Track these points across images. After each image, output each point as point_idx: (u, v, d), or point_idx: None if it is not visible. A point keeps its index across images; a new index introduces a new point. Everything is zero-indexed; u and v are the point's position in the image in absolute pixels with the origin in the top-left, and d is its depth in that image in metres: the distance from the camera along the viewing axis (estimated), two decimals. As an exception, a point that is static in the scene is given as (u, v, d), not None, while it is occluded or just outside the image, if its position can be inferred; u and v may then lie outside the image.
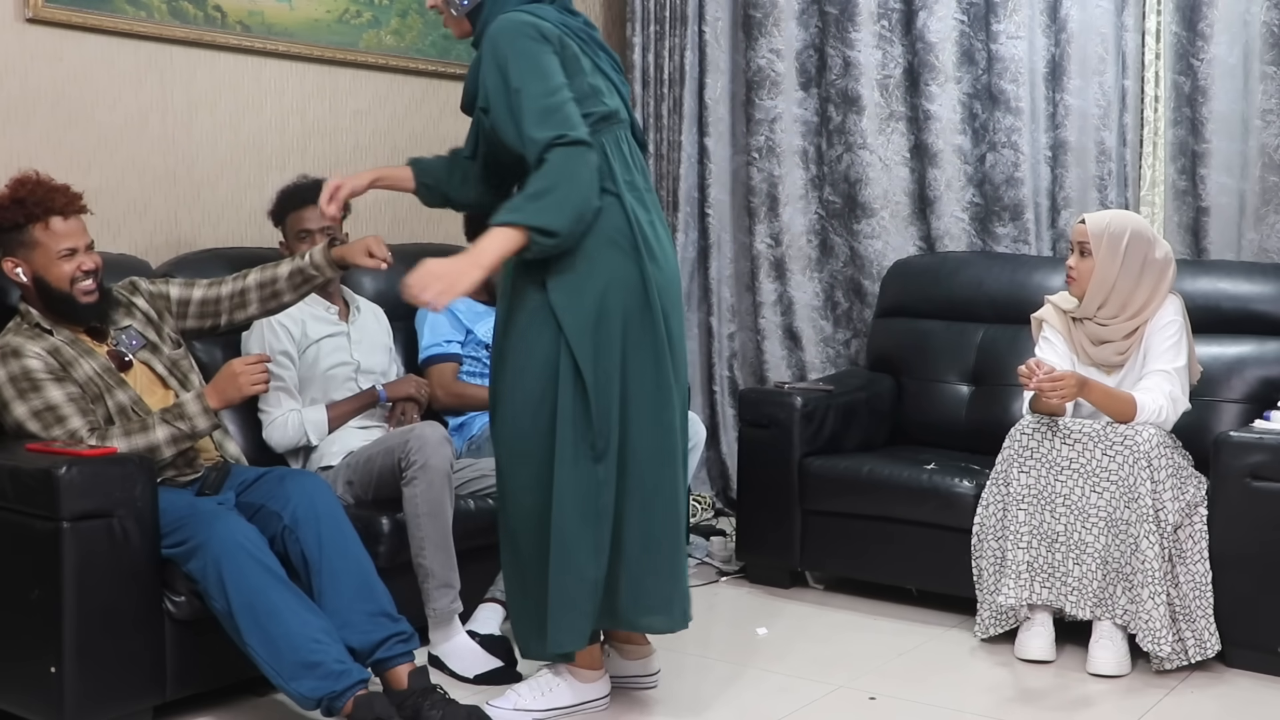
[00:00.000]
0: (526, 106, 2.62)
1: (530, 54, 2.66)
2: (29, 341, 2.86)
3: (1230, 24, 3.91)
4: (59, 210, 2.89)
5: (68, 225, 2.90)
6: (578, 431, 2.69)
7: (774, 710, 2.97)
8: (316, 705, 2.64)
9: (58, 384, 2.83)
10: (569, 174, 2.61)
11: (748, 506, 3.97)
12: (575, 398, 2.69)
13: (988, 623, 3.39)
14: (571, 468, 2.69)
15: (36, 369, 2.82)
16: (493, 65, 2.68)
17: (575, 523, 2.70)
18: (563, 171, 2.60)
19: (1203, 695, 3.08)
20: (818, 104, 4.64)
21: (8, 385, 2.82)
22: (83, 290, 2.90)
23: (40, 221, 2.87)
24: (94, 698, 2.64)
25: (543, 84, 2.64)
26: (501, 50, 2.67)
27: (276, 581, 2.69)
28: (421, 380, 3.63)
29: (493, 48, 2.69)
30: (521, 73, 2.64)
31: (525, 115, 2.62)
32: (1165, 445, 3.18)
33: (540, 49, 2.67)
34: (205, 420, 2.86)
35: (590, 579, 2.72)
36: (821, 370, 4.64)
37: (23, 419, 2.82)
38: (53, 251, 2.88)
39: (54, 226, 2.88)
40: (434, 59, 4.36)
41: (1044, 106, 4.25)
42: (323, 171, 3.79)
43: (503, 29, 2.69)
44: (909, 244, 4.50)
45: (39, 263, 2.88)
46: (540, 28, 2.68)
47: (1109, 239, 3.31)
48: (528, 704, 2.86)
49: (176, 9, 3.66)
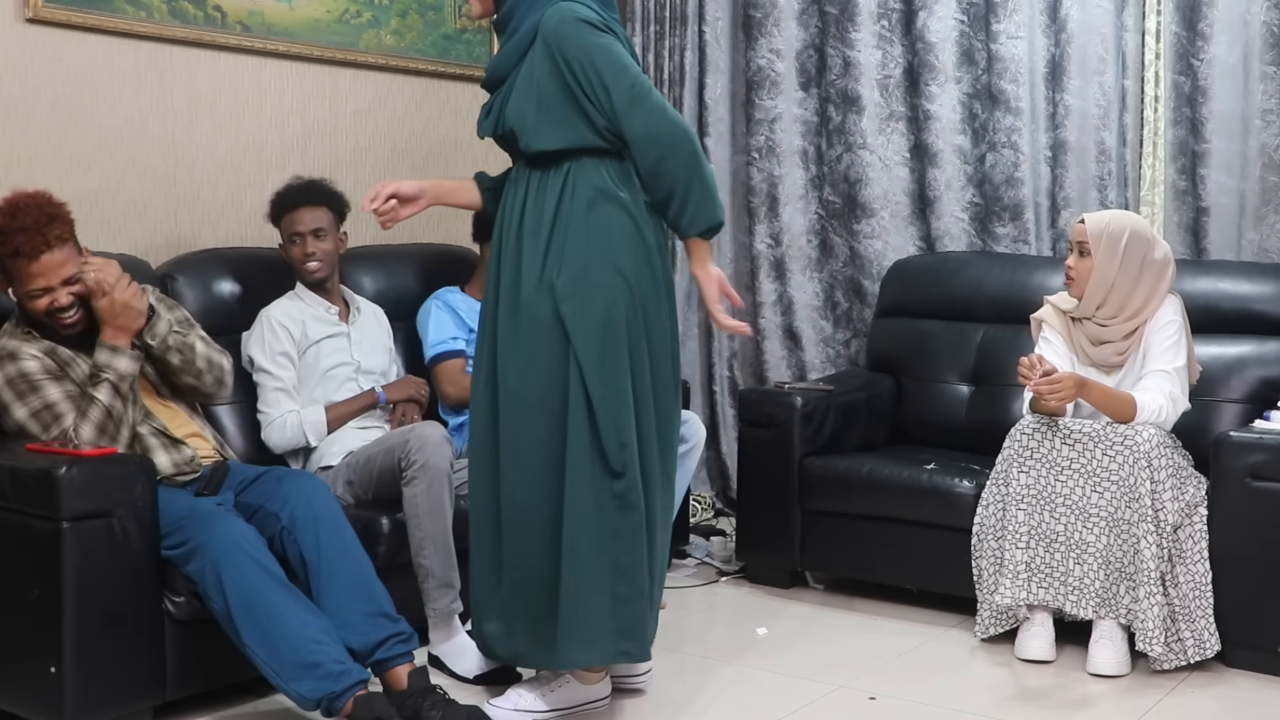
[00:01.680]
0: (652, 99, 2.67)
1: (606, 47, 2.68)
2: (25, 344, 2.86)
3: (1230, 24, 3.91)
4: (26, 253, 2.78)
5: (38, 265, 2.79)
6: (594, 445, 2.69)
7: (774, 710, 2.97)
8: (316, 706, 2.64)
9: (55, 383, 2.83)
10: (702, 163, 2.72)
11: (748, 506, 3.97)
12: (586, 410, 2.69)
13: (987, 623, 3.39)
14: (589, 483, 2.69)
15: (34, 370, 2.82)
16: (576, 55, 2.67)
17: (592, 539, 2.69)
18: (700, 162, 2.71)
19: (1203, 695, 3.08)
20: (818, 104, 4.64)
21: (6, 389, 2.83)
22: (61, 323, 2.86)
23: (11, 259, 2.81)
24: (94, 698, 2.64)
25: (627, 74, 2.68)
26: (577, 41, 2.67)
27: (275, 582, 2.69)
28: (420, 381, 3.63)
29: (560, 41, 2.68)
30: (610, 65, 2.66)
31: (628, 102, 2.66)
32: (1165, 445, 3.18)
33: (610, 41, 2.70)
34: (119, 358, 2.79)
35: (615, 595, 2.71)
36: (821, 370, 4.64)
37: (23, 421, 2.82)
38: (24, 289, 2.84)
39: (21, 268, 2.81)
40: (434, 59, 4.36)
41: (1044, 106, 4.25)
42: (323, 171, 3.80)
43: (567, 22, 2.68)
44: (909, 244, 4.50)
45: (18, 291, 2.86)
46: (599, 19, 2.70)
47: (1108, 239, 3.31)
48: (528, 704, 2.86)
49: (176, 9, 3.66)
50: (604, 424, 2.68)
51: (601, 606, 2.70)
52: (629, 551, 2.72)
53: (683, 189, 2.69)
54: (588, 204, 2.73)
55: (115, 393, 2.80)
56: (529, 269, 2.74)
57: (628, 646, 2.76)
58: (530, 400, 2.73)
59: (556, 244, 2.73)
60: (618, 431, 2.69)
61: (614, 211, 2.73)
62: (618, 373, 2.71)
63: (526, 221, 2.77)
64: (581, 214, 2.72)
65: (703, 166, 2.71)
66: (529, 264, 2.74)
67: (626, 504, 2.71)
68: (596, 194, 2.73)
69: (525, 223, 2.77)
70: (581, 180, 2.73)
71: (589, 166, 2.74)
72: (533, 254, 2.74)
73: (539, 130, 2.72)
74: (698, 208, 2.70)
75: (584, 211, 2.72)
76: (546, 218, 2.74)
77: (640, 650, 2.78)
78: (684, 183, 2.68)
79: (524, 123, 2.73)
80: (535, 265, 2.73)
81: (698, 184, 2.69)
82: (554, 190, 2.75)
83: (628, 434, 2.70)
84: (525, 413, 2.74)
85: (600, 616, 2.71)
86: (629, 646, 2.76)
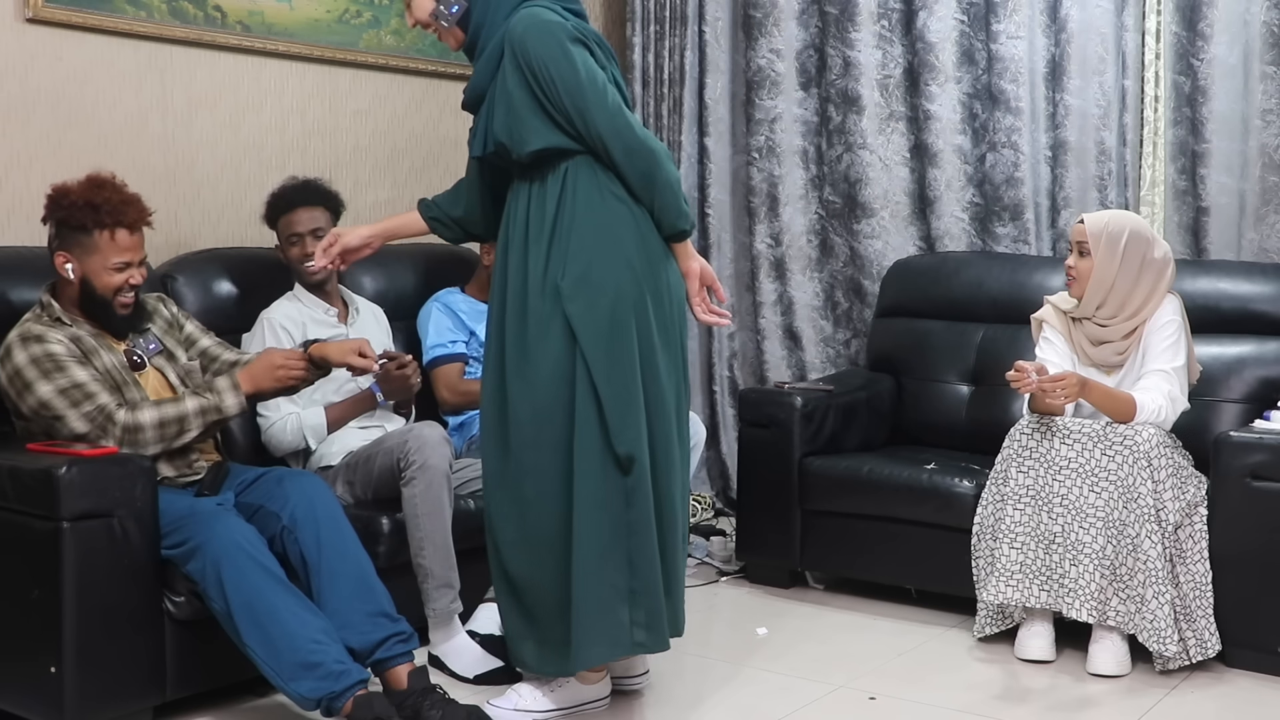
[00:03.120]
0: (608, 107, 2.69)
1: (573, 55, 2.69)
2: (50, 329, 2.86)
3: (1230, 24, 3.91)
4: (128, 224, 2.88)
5: (131, 240, 2.89)
6: (603, 442, 2.69)
7: (774, 710, 2.97)
8: (316, 706, 2.64)
9: (81, 366, 2.83)
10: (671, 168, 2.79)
11: (748, 506, 3.97)
12: (595, 408, 2.69)
13: (984, 622, 3.39)
14: (598, 479, 2.69)
15: (60, 352, 2.82)
16: (542, 63, 2.68)
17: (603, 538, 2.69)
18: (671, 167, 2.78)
19: (1203, 695, 3.08)
20: (818, 104, 4.64)
21: (29, 367, 2.80)
22: (122, 303, 2.91)
23: (107, 230, 2.86)
24: (94, 698, 2.64)
25: (596, 85, 2.69)
26: (539, 51, 2.68)
27: (275, 582, 2.69)
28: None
29: (524, 47, 2.69)
30: (577, 72, 2.68)
31: (597, 112, 2.68)
32: (1165, 445, 3.18)
33: (580, 51, 2.70)
34: (233, 397, 2.87)
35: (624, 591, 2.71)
36: (821, 370, 4.64)
37: (47, 397, 2.78)
38: (109, 261, 2.87)
39: (119, 239, 2.87)
40: (434, 59, 4.36)
41: (1044, 106, 4.25)
42: (323, 172, 3.80)
43: (533, 28, 2.69)
44: (909, 244, 4.50)
45: (91, 267, 2.88)
46: (570, 29, 2.71)
47: (1107, 239, 3.31)
48: (528, 704, 2.86)
49: (176, 9, 3.66)
50: (613, 422, 2.69)
51: (616, 601, 2.71)
52: (640, 547, 2.72)
53: (647, 199, 2.75)
54: (588, 203, 2.73)
55: (202, 415, 2.85)
56: (535, 275, 2.74)
57: (643, 637, 2.76)
58: (541, 409, 2.73)
59: (559, 245, 2.73)
60: (626, 429, 2.70)
61: (616, 209, 2.74)
62: (626, 370, 2.71)
63: (531, 228, 2.77)
64: (583, 214, 2.73)
65: (662, 176, 2.74)
66: (535, 270, 2.74)
67: (636, 500, 2.71)
68: (596, 193, 2.74)
69: (530, 230, 2.77)
70: (580, 180, 2.74)
71: (585, 167, 2.74)
72: (537, 259, 2.74)
73: (523, 136, 2.73)
74: (661, 215, 2.76)
75: (585, 211, 2.73)
76: (548, 221, 2.75)
77: (657, 641, 2.79)
78: (648, 194, 2.74)
79: (510, 133, 2.74)
80: (540, 270, 2.74)
81: (660, 194, 2.74)
82: (553, 193, 2.75)
83: (637, 431, 2.71)
84: (536, 421, 2.73)
85: (615, 611, 2.71)
86: (644, 637, 2.76)
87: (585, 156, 2.74)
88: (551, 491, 2.73)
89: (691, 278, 2.85)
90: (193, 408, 2.85)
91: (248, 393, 2.90)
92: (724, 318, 2.93)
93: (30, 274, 3.06)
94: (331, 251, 3.01)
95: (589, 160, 2.74)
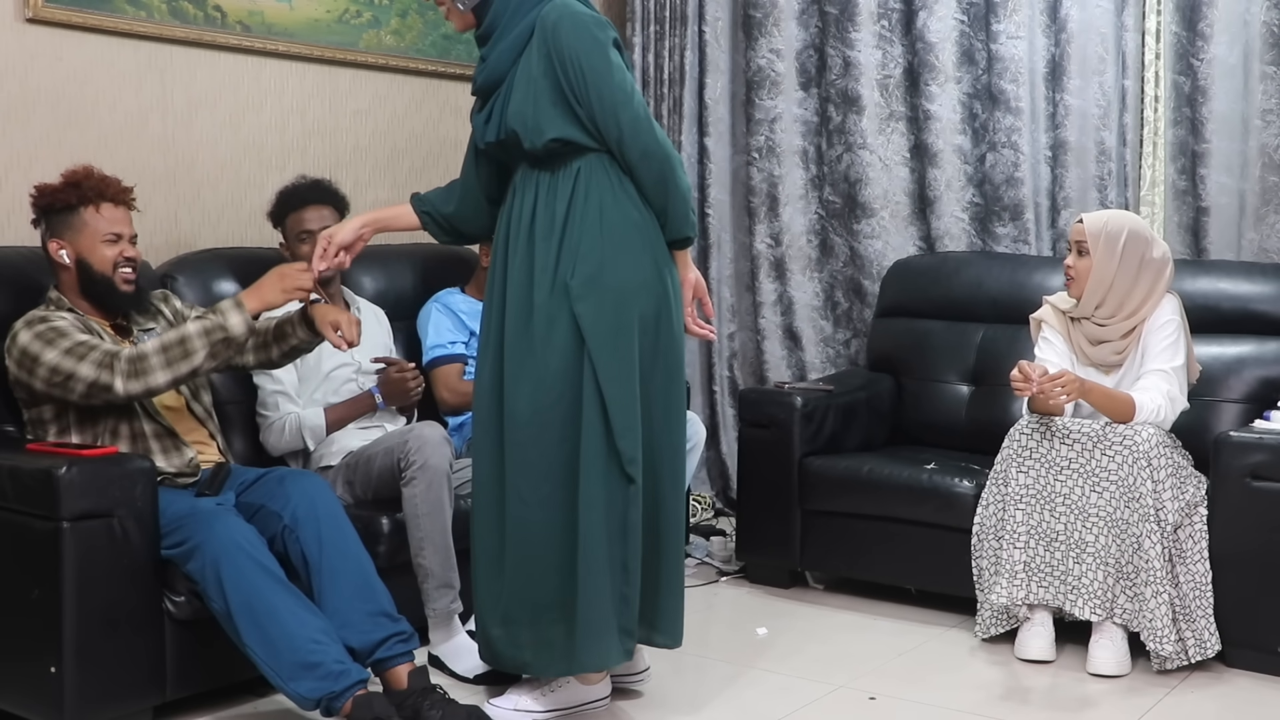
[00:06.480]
0: (634, 106, 2.70)
1: (609, 52, 2.69)
2: (56, 311, 2.88)
3: (1230, 24, 3.91)
4: (110, 197, 2.94)
5: (117, 212, 2.94)
6: (607, 443, 2.69)
7: (774, 710, 2.97)
8: (316, 705, 2.64)
9: (86, 334, 2.84)
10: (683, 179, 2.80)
11: (748, 506, 3.97)
12: (600, 409, 2.69)
13: (987, 623, 3.39)
14: (602, 483, 2.69)
15: (63, 324, 2.83)
16: (575, 55, 2.67)
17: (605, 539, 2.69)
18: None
19: (1203, 695, 3.08)
20: (818, 104, 4.64)
21: (34, 341, 2.79)
22: (123, 278, 2.94)
23: (91, 204, 2.91)
24: (94, 698, 2.64)
25: (625, 86, 2.71)
26: (573, 42, 2.68)
27: (275, 582, 2.69)
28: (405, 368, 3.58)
29: (557, 36, 2.68)
30: (610, 69, 2.69)
31: (630, 116, 2.69)
32: (1165, 445, 3.18)
33: (614, 50, 2.71)
34: (236, 315, 2.83)
35: (622, 595, 2.72)
36: (821, 370, 4.64)
37: (55, 361, 2.76)
38: (99, 234, 2.90)
39: (104, 211, 2.92)
40: (434, 59, 4.36)
41: (1044, 106, 4.25)
42: (323, 172, 3.80)
43: (569, 18, 2.69)
44: (909, 244, 4.50)
45: (84, 245, 2.90)
46: (607, 26, 2.72)
47: (1106, 238, 3.31)
48: (528, 704, 2.86)
49: (176, 9, 3.66)
50: (618, 425, 2.69)
51: (612, 606, 2.72)
52: (633, 553, 2.73)
53: (659, 204, 2.75)
54: (601, 204, 2.72)
55: (206, 335, 2.80)
56: (542, 272, 2.72)
57: (630, 645, 2.78)
58: (543, 407, 2.72)
59: (569, 245, 2.72)
60: (630, 432, 2.70)
61: (628, 212, 2.73)
62: (630, 374, 2.71)
63: (538, 225, 2.75)
64: (595, 214, 2.72)
65: (676, 182, 2.75)
66: (542, 267, 2.73)
67: (634, 504, 2.72)
68: (610, 194, 2.73)
69: (536, 226, 2.75)
70: (594, 181, 2.72)
71: (599, 167, 2.73)
72: (545, 257, 2.73)
73: (540, 124, 2.71)
74: (670, 221, 2.77)
75: (598, 212, 2.72)
76: (559, 219, 2.73)
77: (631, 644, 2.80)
78: (661, 199, 2.75)
79: (525, 121, 2.72)
80: (548, 268, 2.72)
81: (673, 199, 2.75)
82: (565, 192, 2.73)
83: (639, 434, 2.71)
84: (536, 420, 2.72)
85: (611, 615, 2.72)
86: (631, 645, 2.78)
87: (599, 156, 2.73)
88: (550, 490, 2.72)
89: (686, 288, 2.87)
90: (194, 329, 2.81)
91: (253, 309, 2.86)
92: (710, 333, 2.99)
93: (30, 274, 3.06)
94: (330, 252, 2.99)
95: (603, 160, 2.73)
